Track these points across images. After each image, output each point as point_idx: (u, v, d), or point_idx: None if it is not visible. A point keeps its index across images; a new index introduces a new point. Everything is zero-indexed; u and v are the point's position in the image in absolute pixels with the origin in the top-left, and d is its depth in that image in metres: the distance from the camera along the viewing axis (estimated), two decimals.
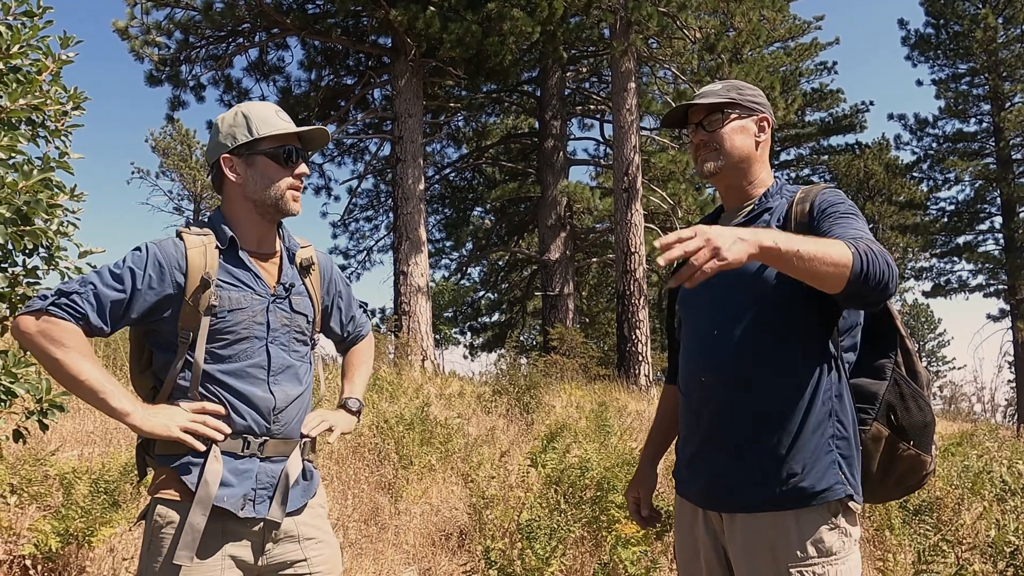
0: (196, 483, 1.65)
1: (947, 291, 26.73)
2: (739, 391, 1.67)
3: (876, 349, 1.75)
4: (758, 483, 1.64)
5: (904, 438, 1.69)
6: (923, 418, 1.69)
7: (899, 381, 1.71)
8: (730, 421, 1.69)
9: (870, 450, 1.70)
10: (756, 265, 1.66)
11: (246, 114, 1.79)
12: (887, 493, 1.81)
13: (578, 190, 16.99)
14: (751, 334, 1.67)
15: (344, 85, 16.58)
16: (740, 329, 1.69)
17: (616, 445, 5.10)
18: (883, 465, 1.71)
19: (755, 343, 1.67)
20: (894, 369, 1.72)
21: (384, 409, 6.33)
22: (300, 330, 1.84)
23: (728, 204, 1.88)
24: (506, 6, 13.05)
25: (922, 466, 1.71)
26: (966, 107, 24.60)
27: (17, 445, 3.52)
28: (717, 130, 1.79)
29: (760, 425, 1.65)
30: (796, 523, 1.61)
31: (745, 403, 1.67)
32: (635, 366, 14.26)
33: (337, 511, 4.17)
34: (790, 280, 1.54)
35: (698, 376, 1.76)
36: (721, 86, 1.85)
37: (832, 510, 1.63)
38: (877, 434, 1.69)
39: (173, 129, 32.38)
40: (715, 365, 1.72)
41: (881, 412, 1.69)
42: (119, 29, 13.97)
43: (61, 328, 1.59)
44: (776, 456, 1.63)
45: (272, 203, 1.78)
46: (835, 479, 1.62)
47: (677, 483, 1.88)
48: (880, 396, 1.69)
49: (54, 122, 3.12)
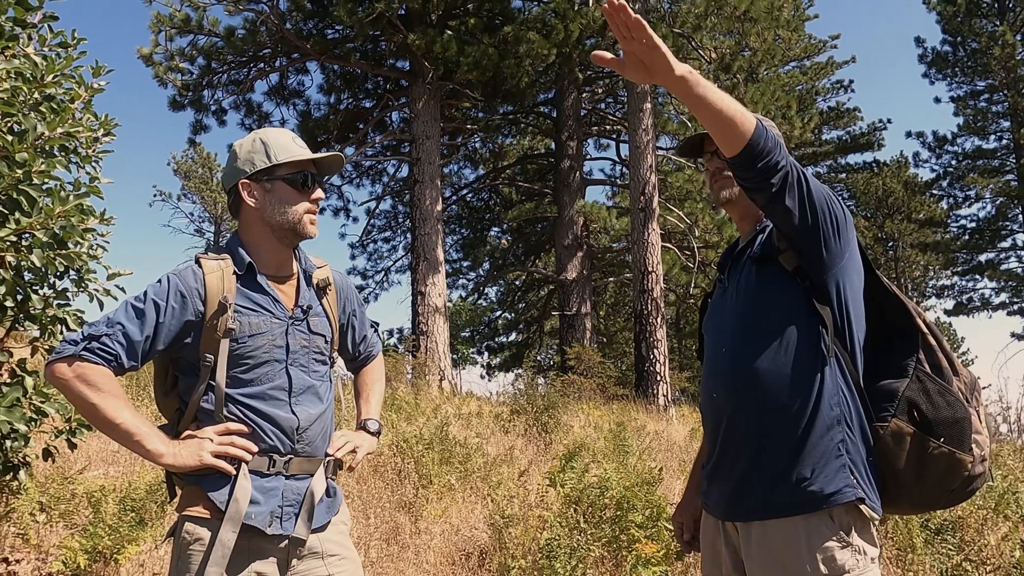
0: (225, 501, 1.69)
1: (969, 309, 26.45)
2: (745, 403, 1.72)
3: (899, 349, 1.75)
4: (769, 489, 1.66)
5: (933, 435, 1.65)
6: (952, 413, 1.65)
7: (922, 377, 1.70)
8: (740, 433, 1.73)
9: (892, 449, 1.67)
10: (752, 283, 1.76)
11: (264, 140, 1.84)
12: (930, 498, 1.73)
13: (595, 210, 17.03)
14: (751, 347, 1.72)
15: (363, 108, 16.82)
16: (741, 344, 1.75)
17: (635, 465, 5.08)
18: (913, 465, 1.67)
19: (755, 355, 1.71)
20: (916, 367, 1.71)
21: (403, 429, 6.36)
22: (319, 350, 1.88)
23: (743, 229, 1.94)
24: (522, 29, 13.21)
25: (961, 466, 1.65)
26: (985, 124, 24.48)
27: (46, 464, 3.59)
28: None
29: (767, 434, 1.68)
30: (806, 533, 1.62)
31: (751, 414, 1.71)
32: (653, 386, 14.19)
33: (358, 530, 4.19)
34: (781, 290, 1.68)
35: (710, 393, 1.82)
36: None
37: (842, 521, 1.62)
38: (897, 431, 1.66)
39: (195, 153, 32.92)
40: (722, 381, 1.78)
41: (901, 409, 1.68)
42: (144, 56, 14.29)
43: (95, 372, 1.64)
44: (785, 462, 1.65)
45: (290, 227, 1.83)
46: (844, 482, 1.62)
47: (702, 498, 1.92)
48: (899, 392, 1.69)
49: (85, 148, 3.21)
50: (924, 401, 1.67)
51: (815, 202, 1.63)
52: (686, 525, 2.07)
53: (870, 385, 1.74)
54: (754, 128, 1.54)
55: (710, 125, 1.55)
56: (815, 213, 1.63)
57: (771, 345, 1.69)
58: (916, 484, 1.69)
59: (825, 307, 1.68)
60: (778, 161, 1.57)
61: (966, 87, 24.81)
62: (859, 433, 1.67)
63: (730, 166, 1.62)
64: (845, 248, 1.69)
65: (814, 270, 1.68)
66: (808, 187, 1.62)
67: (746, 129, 1.53)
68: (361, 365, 2.19)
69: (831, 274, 1.68)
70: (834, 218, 1.66)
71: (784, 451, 1.66)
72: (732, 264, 1.89)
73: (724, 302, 1.86)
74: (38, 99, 2.93)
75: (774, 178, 1.57)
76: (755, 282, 1.76)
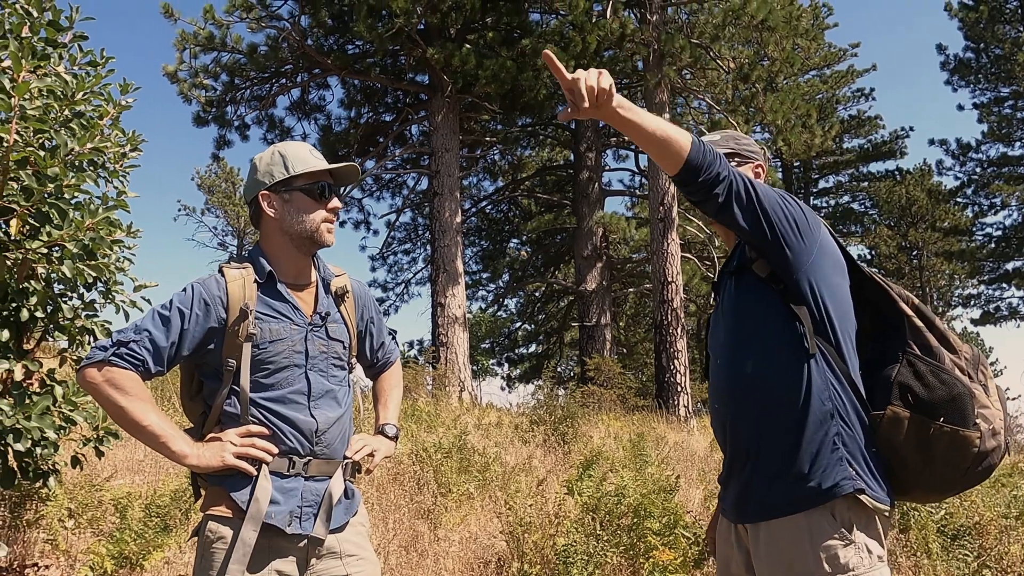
0: (246, 500, 1.75)
1: (997, 319, 26.02)
2: (741, 410, 1.78)
3: (897, 340, 1.75)
4: (769, 489, 1.70)
5: (932, 415, 1.64)
6: (948, 391, 1.63)
7: (912, 360, 1.69)
8: (742, 439, 1.79)
9: (892, 435, 1.66)
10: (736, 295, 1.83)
11: (283, 153, 1.91)
12: (944, 481, 1.70)
13: (614, 220, 17.05)
14: (739, 356, 1.79)
15: (383, 122, 17.01)
16: (732, 354, 1.82)
17: (653, 473, 5.09)
18: (917, 449, 1.65)
19: (743, 363, 1.78)
20: (905, 350, 1.71)
21: (423, 438, 6.40)
22: (337, 356, 1.94)
23: (728, 246, 2.02)
24: (540, 42, 13.31)
25: (967, 443, 1.62)
26: (1010, 131, 24.18)
27: (74, 471, 3.68)
28: None
29: (763, 436, 1.73)
30: (808, 530, 1.63)
31: (748, 419, 1.77)
32: (674, 396, 14.14)
33: (378, 538, 4.23)
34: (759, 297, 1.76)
35: (714, 404, 1.90)
36: (719, 136, 2.01)
37: (843, 518, 1.62)
38: (893, 416, 1.66)
39: (218, 167, 33.44)
40: (721, 391, 1.85)
41: (895, 394, 1.67)
42: (168, 73, 14.59)
43: (123, 377, 1.71)
44: (782, 461, 1.69)
45: (308, 235, 1.89)
46: (843, 474, 1.63)
47: (719, 503, 1.96)
48: (891, 379, 1.69)
49: (113, 163, 3.31)
50: (917, 383, 1.67)
51: (765, 206, 1.69)
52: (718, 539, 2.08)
53: (874, 376, 1.75)
54: (690, 145, 1.63)
55: (646, 148, 1.66)
56: (767, 217, 1.69)
57: (755, 351, 1.76)
58: (926, 468, 1.67)
59: (801, 307, 1.70)
60: (719, 172, 1.65)
61: (990, 94, 24.54)
62: (857, 425, 1.68)
63: (676, 184, 1.70)
64: (811, 246, 1.72)
65: (784, 272, 1.72)
66: (755, 192, 1.69)
67: (682, 147, 1.63)
68: (379, 372, 2.24)
69: (802, 273, 1.70)
70: (792, 218, 1.71)
71: (780, 450, 1.69)
72: (721, 279, 1.98)
73: (718, 319, 1.94)
74: (68, 116, 3.03)
75: (717, 188, 1.66)
76: (735, 294, 1.84)
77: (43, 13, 3.13)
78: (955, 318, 35.21)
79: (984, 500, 3.97)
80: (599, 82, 1.55)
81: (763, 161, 2.01)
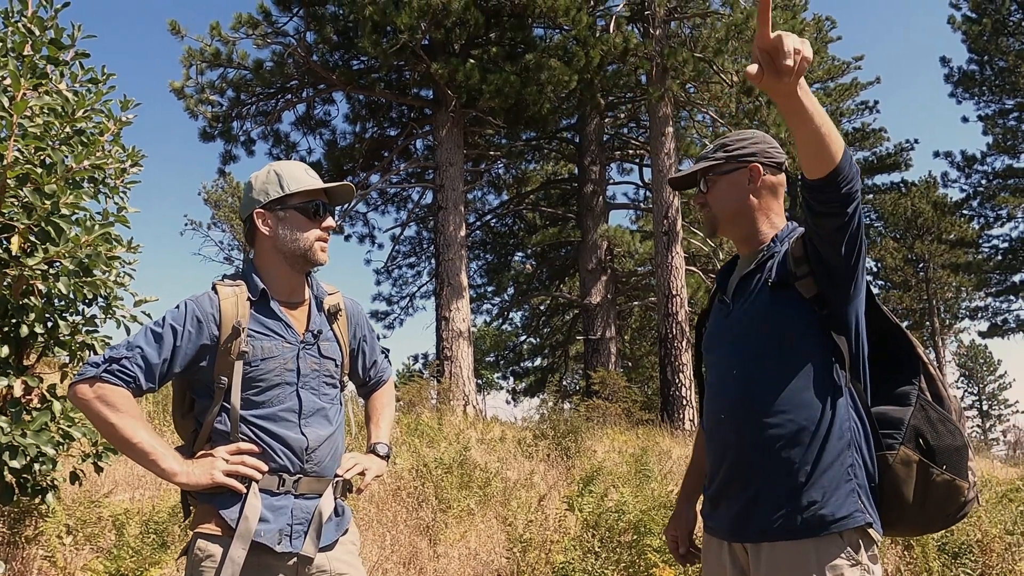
0: (236, 518, 1.74)
1: (1004, 331, 25.87)
2: (757, 427, 1.72)
3: (898, 377, 1.77)
4: (779, 512, 1.67)
5: (935, 462, 1.69)
6: (954, 442, 1.68)
7: (925, 406, 1.72)
8: (750, 456, 1.73)
9: (901, 476, 1.69)
10: (763, 308, 1.76)
11: (278, 172, 1.92)
12: (928, 522, 1.77)
13: (618, 234, 17.05)
14: (766, 371, 1.73)
15: (387, 136, 17.10)
16: (755, 366, 1.75)
17: (654, 489, 5.05)
18: (918, 492, 1.70)
19: (770, 381, 1.72)
20: (919, 395, 1.73)
21: (424, 453, 6.38)
22: (329, 374, 1.94)
23: (741, 252, 1.96)
24: (544, 56, 13.37)
25: (959, 492, 1.69)
26: (1015, 143, 24.14)
27: (73, 487, 3.68)
28: (707, 192, 1.91)
29: (779, 458, 1.69)
30: (816, 553, 1.63)
31: (763, 438, 1.71)
32: (679, 410, 14.07)
33: (376, 554, 4.21)
34: (795, 316, 1.69)
35: (718, 414, 1.83)
36: (712, 147, 1.95)
37: (851, 541, 1.64)
38: (906, 458, 1.69)
39: (224, 182, 33.53)
40: (733, 403, 1.78)
41: (908, 436, 1.70)
42: (175, 89, 14.71)
43: (114, 393, 1.71)
44: (796, 486, 1.66)
45: (301, 254, 1.89)
46: (855, 507, 1.64)
47: (704, 520, 1.92)
48: (906, 421, 1.71)
49: (114, 179, 3.33)
50: (928, 430, 1.70)
51: (862, 236, 1.65)
52: (680, 539, 2.08)
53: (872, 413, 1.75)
54: (843, 151, 1.53)
55: (805, 140, 1.52)
56: (860, 246, 1.64)
57: (786, 371, 1.71)
58: (920, 509, 1.71)
59: (842, 336, 1.69)
60: (857, 190, 1.57)
61: (994, 106, 24.52)
62: (868, 458, 1.70)
63: (807, 188, 1.59)
64: (864, 279, 1.72)
65: (839, 300, 1.68)
66: (861, 220, 1.63)
67: (837, 150, 1.52)
68: (372, 390, 2.23)
69: (851, 306, 1.69)
70: (865, 252, 1.70)
71: (796, 475, 1.67)
72: (740, 286, 1.89)
73: (730, 324, 1.86)
74: (69, 133, 3.06)
75: (850, 207, 1.57)
76: (770, 308, 1.75)
77: (45, 32, 3.16)
78: (962, 330, 35.04)
79: (989, 516, 3.92)
80: (804, 48, 1.39)
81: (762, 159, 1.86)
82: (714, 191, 1.89)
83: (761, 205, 1.88)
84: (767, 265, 1.82)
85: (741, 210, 1.88)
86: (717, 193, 1.89)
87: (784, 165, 1.93)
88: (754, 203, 1.88)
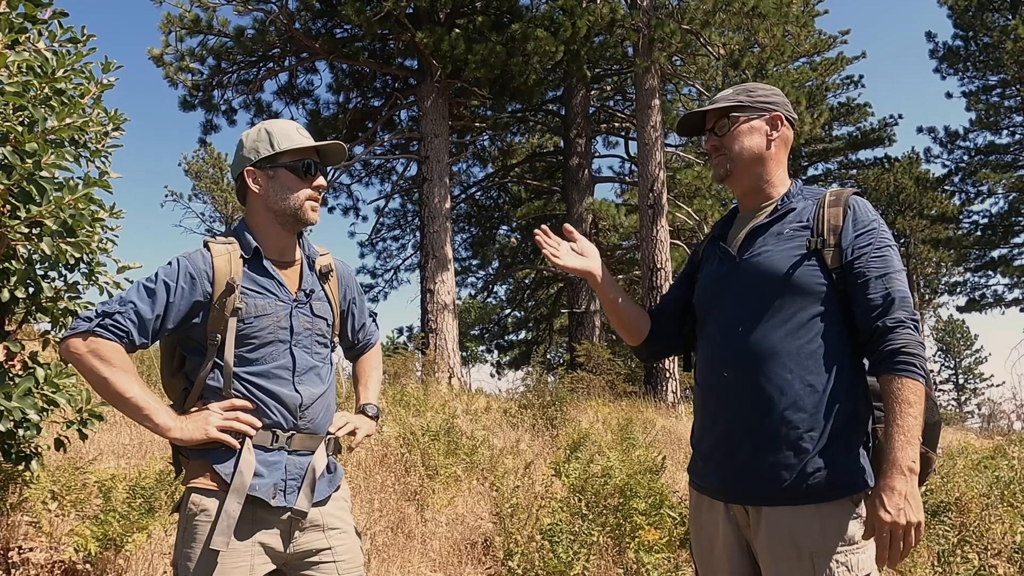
0: (230, 473, 1.74)
1: (982, 306, 26.24)
2: (765, 386, 1.70)
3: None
4: (786, 477, 1.66)
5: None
6: (931, 418, 1.71)
7: None
8: (755, 416, 1.71)
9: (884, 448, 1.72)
10: (781, 262, 1.73)
11: (269, 130, 1.90)
12: None
13: (603, 207, 17.04)
14: (777, 330, 1.71)
15: (371, 107, 16.90)
16: (765, 325, 1.72)
17: (639, 455, 5.11)
18: None
19: (782, 340, 1.70)
20: None
21: (411, 422, 6.41)
22: (321, 333, 1.94)
23: (745, 205, 1.93)
24: (530, 27, 13.23)
25: (929, 464, 1.73)
26: (997, 119, 24.29)
27: (58, 454, 3.65)
28: (726, 134, 1.85)
29: (786, 420, 1.68)
30: (819, 515, 1.65)
31: (771, 398, 1.69)
32: (662, 383, 14.20)
33: (365, 519, 4.24)
34: (813, 277, 1.69)
35: (720, 371, 1.79)
36: (732, 91, 1.90)
37: (856, 501, 1.67)
38: None
39: (205, 153, 33.16)
40: (739, 360, 1.75)
41: None
42: (154, 57, 14.40)
43: (107, 348, 1.70)
44: (805, 450, 1.66)
45: (291, 213, 1.88)
46: (862, 472, 1.68)
47: (692, 477, 1.91)
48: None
49: (95, 143, 3.27)
50: None
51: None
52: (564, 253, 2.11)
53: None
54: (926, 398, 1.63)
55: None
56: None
57: (800, 331, 1.69)
58: None
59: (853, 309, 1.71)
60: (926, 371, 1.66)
61: (978, 82, 24.60)
62: (866, 425, 1.73)
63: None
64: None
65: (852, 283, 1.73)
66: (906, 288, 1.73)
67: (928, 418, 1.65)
68: (359, 353, 2.24)
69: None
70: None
71: (804, 440, 1.66)
72: (749, 236, 1.83)
73: (738, 275, 1.80)
74: (48, 93, 2.99)
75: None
76: (788, 262, 1.72)
77: None
78: (941, 305, 35.52)
79: (966, 481, 4.01)
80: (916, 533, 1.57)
81: (784, 111, 1.86)
82: (734, 135, 1.85)
83: (775, 156, 1.87)
84: (786, 219, 1.79)
85: (758, 157, 1.85)
86: (737, 137, 1.85)
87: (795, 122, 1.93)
88: (771, 153, 1.86)
